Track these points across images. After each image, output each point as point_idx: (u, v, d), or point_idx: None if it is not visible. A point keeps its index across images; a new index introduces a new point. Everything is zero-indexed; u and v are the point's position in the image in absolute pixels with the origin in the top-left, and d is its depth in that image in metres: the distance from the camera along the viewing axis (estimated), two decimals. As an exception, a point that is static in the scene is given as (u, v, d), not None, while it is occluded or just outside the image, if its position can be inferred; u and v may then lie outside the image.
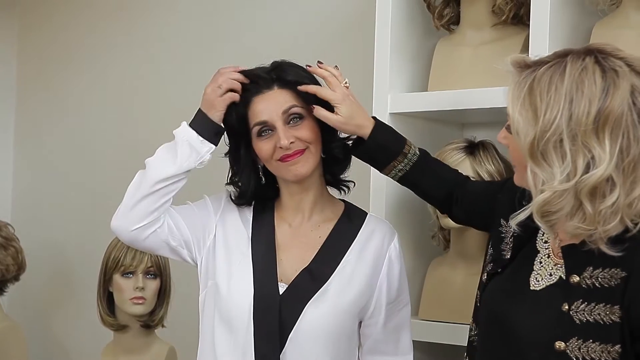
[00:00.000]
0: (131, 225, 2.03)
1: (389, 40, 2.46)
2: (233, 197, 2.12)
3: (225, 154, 2.11)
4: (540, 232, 1.78)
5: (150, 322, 2.95)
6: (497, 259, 1.84)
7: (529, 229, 1.76)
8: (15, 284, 3.45)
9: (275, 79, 2.04)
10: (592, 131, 1.56)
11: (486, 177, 2.32)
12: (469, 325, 2.30)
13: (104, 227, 3.38)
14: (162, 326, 2.98)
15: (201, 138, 2.01)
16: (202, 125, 2.02)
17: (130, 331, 2.97)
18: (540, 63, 1.64)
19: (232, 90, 2.03)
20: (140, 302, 2.90)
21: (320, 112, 2.02)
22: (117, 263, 2.91)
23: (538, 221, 1.63)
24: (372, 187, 2.47)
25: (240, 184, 2.10)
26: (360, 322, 2.10)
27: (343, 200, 2.17)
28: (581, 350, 1.60)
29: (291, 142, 2.00)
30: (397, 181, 2.12)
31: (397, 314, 2.11)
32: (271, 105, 2.02)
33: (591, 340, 1.59)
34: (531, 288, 1.71)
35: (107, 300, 2.97)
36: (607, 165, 1.55)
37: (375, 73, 2.48)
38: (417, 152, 2.09)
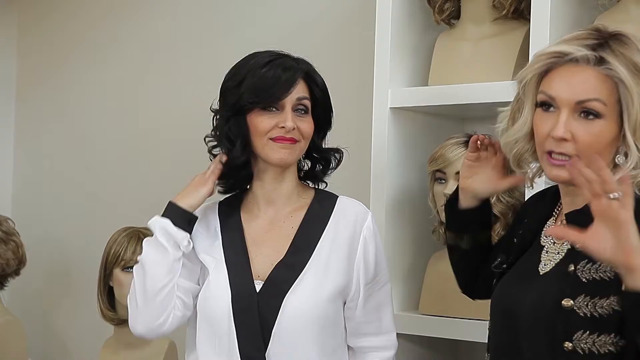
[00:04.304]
0: (153, 321, 2.05)
1: (389, 34, 2.46)
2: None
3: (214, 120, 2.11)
4: (542, 232, 1.80)
5: (150, 316, 2.95)
6: (504, 260, 1.87)
7: (532, 231, 1.82)
8: (16, 278, 3.44)
9: (299, 69, 2.06)
10: None
11: (486, 171, 2.31)
12: (469, 320, 2.31)
13: (104, 222, 3.41)
14: (163, 320, 2.98)
15: (176, 228, 2.04)
16: (172, 214, 2.06)
17: (130, 326, 2.97)
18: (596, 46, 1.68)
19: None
20: (141, 296, 2.89)
21: None
22: (118, 257, 2.90)
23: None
24: (372, 181, 2.47)
25: (233, 151, 2.06)
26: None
27: (313, 187, 2.16)
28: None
29: (292, 128, 2.02)
30: (470, 244, 2.02)
31: (376, 294, 2.08)
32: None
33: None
34: (541, 274, 1.74)
35: (108, 294, 2.97)
36: None
37: (376, 67, 2.48)
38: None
